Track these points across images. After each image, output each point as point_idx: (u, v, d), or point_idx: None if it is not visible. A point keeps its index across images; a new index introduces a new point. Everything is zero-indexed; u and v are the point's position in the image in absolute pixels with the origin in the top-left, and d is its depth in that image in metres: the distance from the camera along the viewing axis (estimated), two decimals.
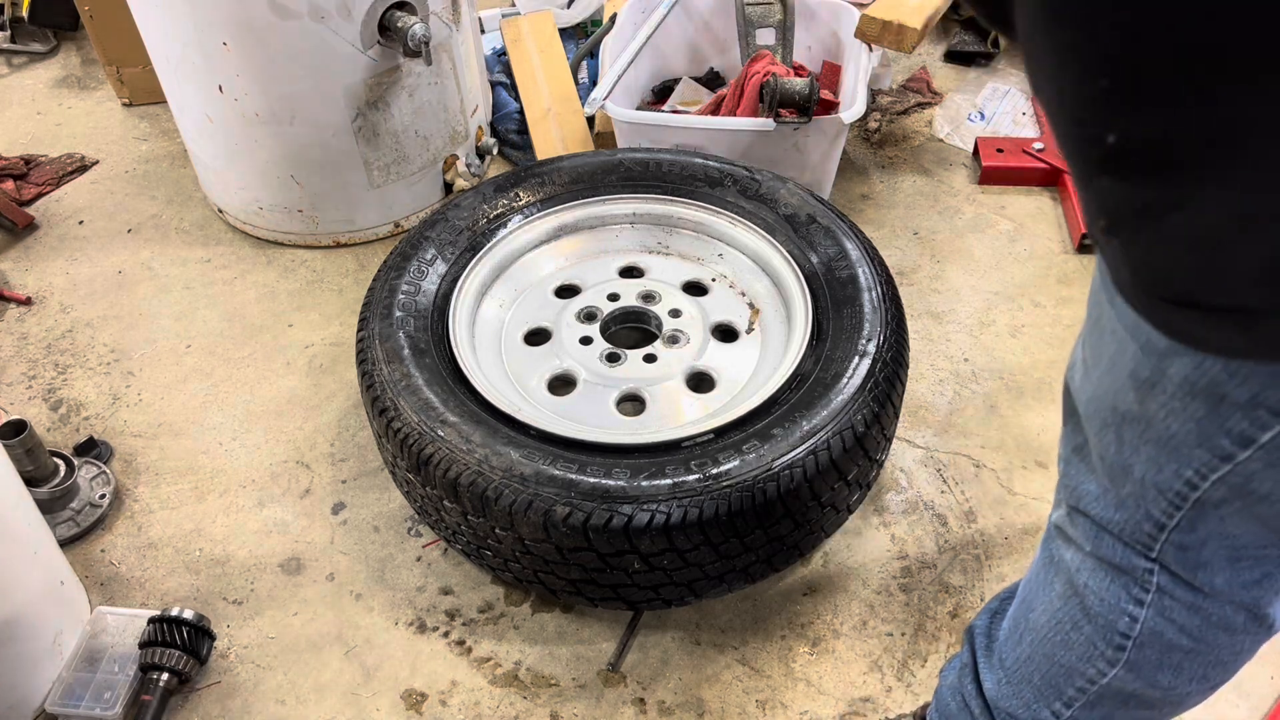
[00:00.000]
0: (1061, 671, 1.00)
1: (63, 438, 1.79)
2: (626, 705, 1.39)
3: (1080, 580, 0.94)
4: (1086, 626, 0.95)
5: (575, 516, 1.23)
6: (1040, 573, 1.01)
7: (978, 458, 1.71)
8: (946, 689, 1.18)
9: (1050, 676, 1.01)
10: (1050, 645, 1.00)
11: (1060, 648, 0.99)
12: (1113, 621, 0.92)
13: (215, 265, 2.17)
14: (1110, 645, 0.93)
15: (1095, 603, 0.93)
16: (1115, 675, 0.95)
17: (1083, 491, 0.90)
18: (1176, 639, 0.90)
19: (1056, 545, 0.97)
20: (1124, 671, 0.94)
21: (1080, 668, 0.98)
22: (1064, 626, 0.98)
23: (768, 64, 2.13)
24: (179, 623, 1.39)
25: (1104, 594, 0.91)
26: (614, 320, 1.66)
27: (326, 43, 1.87)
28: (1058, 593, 0.98)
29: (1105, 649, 0.94)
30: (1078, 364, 0.88)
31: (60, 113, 2.68)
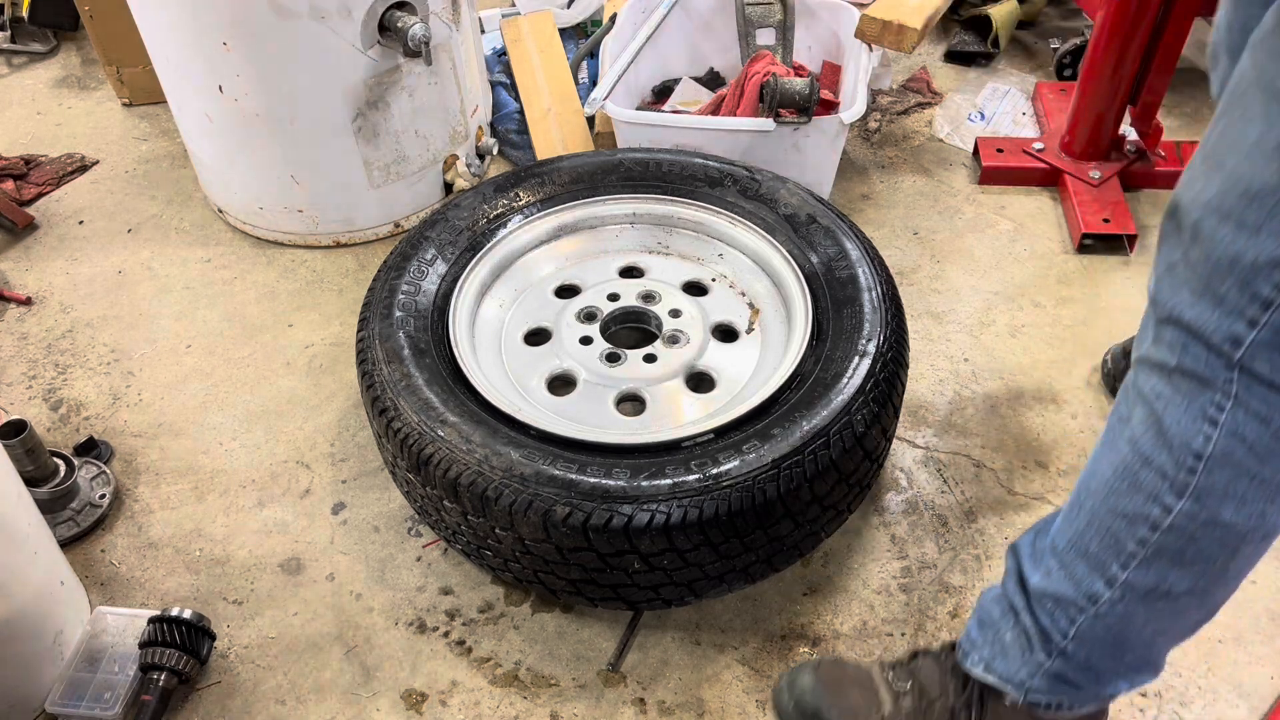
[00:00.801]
0: (1124, 524, 1.04)
1: (63, 438, 1.79)
2: (626, 705, 1.39)
3: (1159, 406, 0.99)
4: (1160, 455, 1.00)
5: (575, 516, 1.23)
6: (1105, 445, 1.07)
7: (978, 458, 1.71)
8: (989, 600, 1.22)
9: (1110, 535, 1.06)
10: (1115, 497, 1.05)
11: (1125, 495, 1.03)
12: (1187, 441, 0.97)
13: (215, 265, 2.17)
14: (1182, 469, 0.98)
15: (1172, 423, 0.98)
16: (1180, 511, 1.00)
17: (1175, 303, 0.97)
18: (1245, 460, 0.95)
19: (1139, 381, 1.02)
20: (1190, 504, 0.99)
21: (1145, 511, 1.02)
22: (1133, 468, 1.03)
23: (768, 64, 2.13)
24: (179, 623, 1.39)
25: (1182, 413, 0.97)
26: (614, 320, 1.66)
27: (326, 43, 1.87)
28: (1132, 435, 1.02)
29: (1177, 474, 0.99)
30: (1196, 173, 0.95)
31: (60, 113, 2.68)
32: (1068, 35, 2.73)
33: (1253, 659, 1.43)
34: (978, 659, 1.21)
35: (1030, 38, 2.83)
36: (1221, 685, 1.40)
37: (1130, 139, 2.24)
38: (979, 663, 1.21)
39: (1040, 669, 1.15)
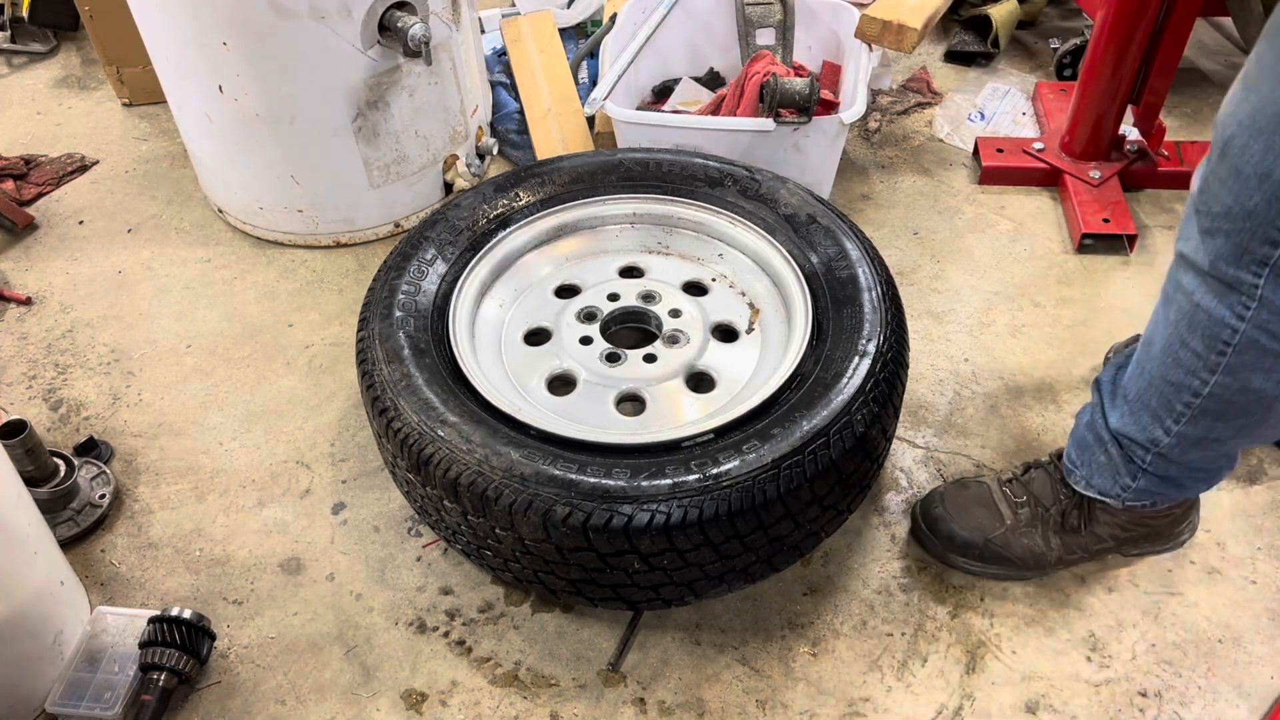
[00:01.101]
0: (1173, 389, 1.24)
1: (63, 438, 1.79)
2: (626, 705, 1.39)
3: (1196, 299, 1.15)
4: (1195, 340, 1.17)
5: (575, 516, 1.23)
6: (1160, 311, 1.24)
7: (978, 458, 1.71)
8: (1083, 427, 1.42)
9: (1164, 397, 1.25)
10: (1164, 368, 1.24)
11: (1173, 367, 1.22)
12: (1217, 333, 1.14)
13: (215, 265, 2.17)
14: (1213, 352, 1.16)
15: (1204, 317, 1.15)
16: (1215, 383, 1.18)
17: (1209, 211, 1.10)
18: (1270, 344, 1.11)
19: (1179, 273, 1.18)
20: (1223, 377, 1.17)
21: (1187, 381, 1.21)
22: (1175, 347, 1.21)
23: (768, 64, 2.13)
24: (179, 623, 1.39)
25: (1213, 309, 1.13)
26: (614, 320, 1.66)
27: (326, 43, 1.87)
28: (1174, 316, 1.20)
29: (1209, 355, 1.16)
30: (1235, 94, 1.06)
31: (60, 113, 2.68)
32: (1068, 35, 2.73)
33: (1253, 659, 1.43)
34: (1079, 477, 1.43)
35: (1030, 38, 2.83)
36: (1221, 685, 1.40)
37: (1131, 139, 2.24)
38: (1080, 480, 1.43)
39: (1130, 486, 1.37)
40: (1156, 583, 1.52)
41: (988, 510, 1.50)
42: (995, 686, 1.40)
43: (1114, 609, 1.49)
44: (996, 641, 1.45)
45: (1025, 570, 1.50)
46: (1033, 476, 1.51)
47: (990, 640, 1.46)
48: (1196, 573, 1.53)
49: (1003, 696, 1.39)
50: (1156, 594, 1.51)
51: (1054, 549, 1.48)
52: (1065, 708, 1.38)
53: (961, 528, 1.50)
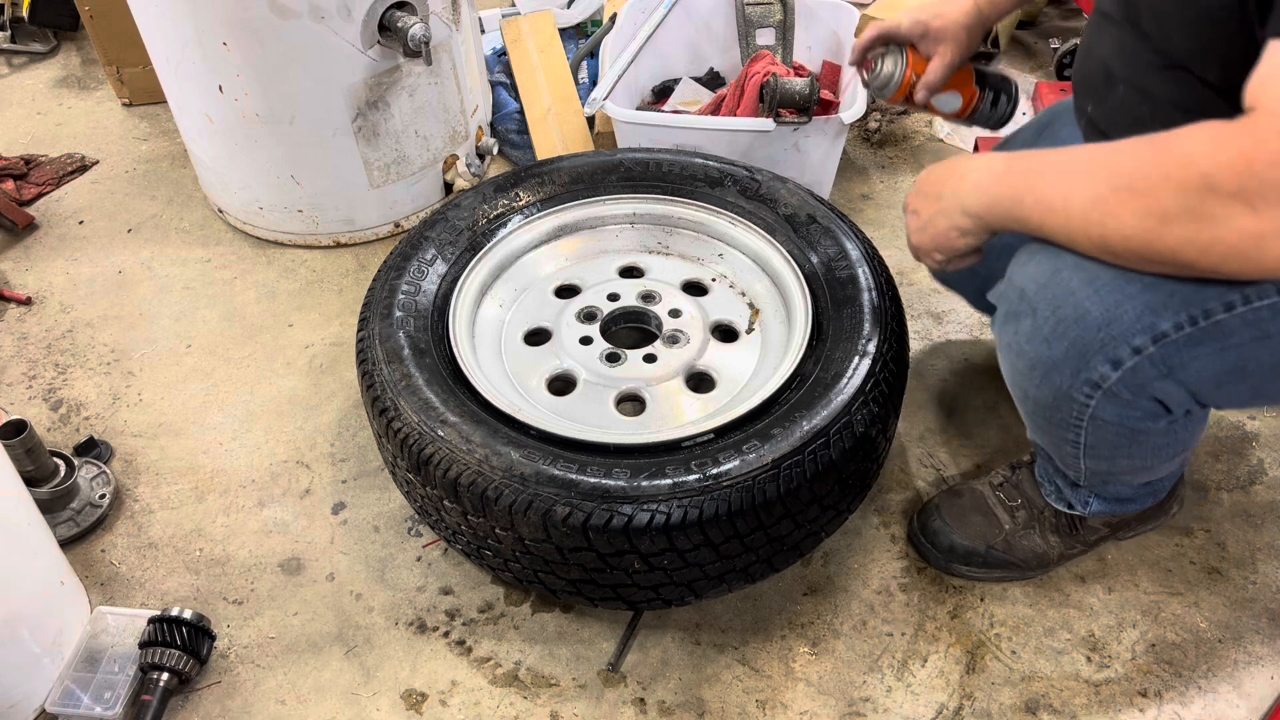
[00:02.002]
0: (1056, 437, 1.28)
1: (63, 438, 1.79)
2: (626, 705, 1.39)
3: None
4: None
5: (575, 516, 1.23)
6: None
7: (978, 458, 1.71)
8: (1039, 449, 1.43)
9: (1053, 445, 1.30)
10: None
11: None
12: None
13: (215, 265, 2.17)
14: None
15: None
16: (1085, 430, 1.22)
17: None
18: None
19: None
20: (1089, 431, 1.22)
21: (1063, 434, 1.25)
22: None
23: (768, 64, 2.13)
24: (179, 623, 1.39)
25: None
26: (614, 320, 1.66)
27: (326, 43, 1.87)
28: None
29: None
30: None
31: (60, 113, 2.68)
32: (1068, 35, 2.73)
33: (1253, 659, 1.43)
34: (1049, 491, 1.46)
35: (1030, 38, 2.83)
36: (1221, 685, 1.40)
37: None
38: (1050, 494, 1.46)
39: (1089, 503, 1.42)
40: (1156, 583, 1.52)
41: (985, 517, 1.50)
42: (995, 686, 1.40)
43: (1114, 609, 1.49)
44: (996, 641, 1.45)
45: (1029, 570, 1.50)
46: (1021, 478, 1.52)
47: (990, 640, 1.46)
48: (1196, 573, 1.53)
49: (1003, 696, 1.39)
50: (1156, 594, 1.51)
51: (1054, 546, 1.48)
52: (1065, 708, 1.38)
53: (963, 538, 1.49)
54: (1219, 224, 0.88)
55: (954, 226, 1.17)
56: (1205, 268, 0.93)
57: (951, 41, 1.48)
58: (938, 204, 1.19)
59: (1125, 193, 0.95)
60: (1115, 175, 0.96)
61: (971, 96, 1.56)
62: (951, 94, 1.55)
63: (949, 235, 1.19)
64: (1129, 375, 1.09)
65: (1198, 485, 1.65)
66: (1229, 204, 0.87)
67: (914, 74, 1.51)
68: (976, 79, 1.56)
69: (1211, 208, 0.88)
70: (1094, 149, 1.02)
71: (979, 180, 1.13)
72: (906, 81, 1.52)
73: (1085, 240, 1.01)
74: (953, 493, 1.55)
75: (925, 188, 1.23)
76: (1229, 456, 1.69)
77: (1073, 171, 1.01)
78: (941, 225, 1.19)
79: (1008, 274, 1.17)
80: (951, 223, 1.17)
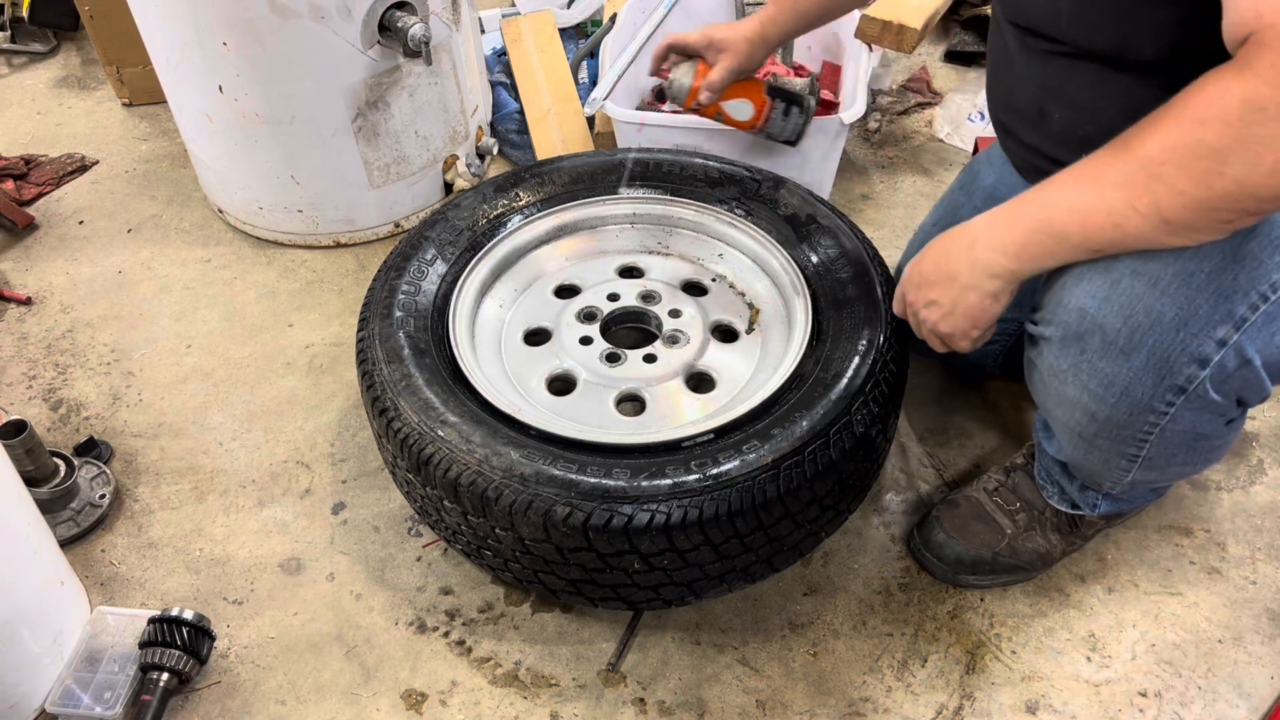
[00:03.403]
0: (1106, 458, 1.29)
1: (63, 438, 1.79)
2: (626, 705, 1.39)
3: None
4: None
5: (575, 516, 1.23)
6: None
7: (978, 458, 1.71)
8: (1042, 451, 1.43)
9: (1103, 461, 1.29)
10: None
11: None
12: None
13: (215, 265, 2.17)
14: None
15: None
16: (1150, 445, 1.21)
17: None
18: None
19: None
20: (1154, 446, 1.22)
21: (1122, 449, 1.25)
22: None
23: (768, 64, 2.13)
24: (179, 623, 1.39)
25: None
26: (614, 320, 1.66)
27: (326, 43, 1.87)
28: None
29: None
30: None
31: (60, 113, 2.68)
32: None
33: (1253, 659, 1.43)
34: (1051, 494, 1.46)
35: None
36: (1221, 685, 1.40)
37: None
38: (1053, 496, 1.46)
39: (1097, 504, 1.42)
40: (1156, 583, 1.52)
41: (986, 524, 1.49)
42: (995, 686, 1.40)
43: (1114, 609, 1.49)
44: (996, 641, 1.45)
45: (1033, 571, 1.50)
46: (1017, 481, 1.51)
47: (990, 640, 1.46)
48: (1196, 573, 1.53)
49: (1003, 696, 1.39)
50: (1156, 594, 1.51)
51: (1055, 545, 1.48)
52: (1065, 708, 1.38)
53: (968, 548, 1.48)
54: (1277, 140, 0.87)
55: (986, 295, 1.14)
56: (1276, 190, 0.90)
57: (732, 52, 1.66)
58: (957, 283, 1.16)
59: (1167, 154, 0.93)
60: (1142, 152, 0.95)
61: (762, 105, 1.70)
62: (742, 102, 1.71)
63: (983, 307, 1.16)
64: (1216, 371, 1.07)
65: (1198, 485, 1.65)
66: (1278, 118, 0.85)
67: (700, 80, 1.67)
68: (768, 90, 1.68)
69: (1264, 128, 0.86)
70: (1098, 153, 1.01)
71: (994, 238, 1.10)
72: (694, 88, 1.67)
73: (1138, 220, 0.98)
74: (950, 503, 1.54)
75: (930, 276, 1.20)
76: (1229, 456, 1.69)
77: (1092, 174, 1.00)
78: (973, 300, 1.15)
79: (1053, 300, 1.14)
80: (982, 292, 1.14)
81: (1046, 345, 1.17)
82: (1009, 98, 1.35)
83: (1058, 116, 1.24)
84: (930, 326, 1.24)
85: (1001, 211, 1.11)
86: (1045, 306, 1.16)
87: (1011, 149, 1.42)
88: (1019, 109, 1.33)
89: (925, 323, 1.24)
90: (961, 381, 1.84)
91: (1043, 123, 1.27)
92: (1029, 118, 1.30)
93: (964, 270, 1.14)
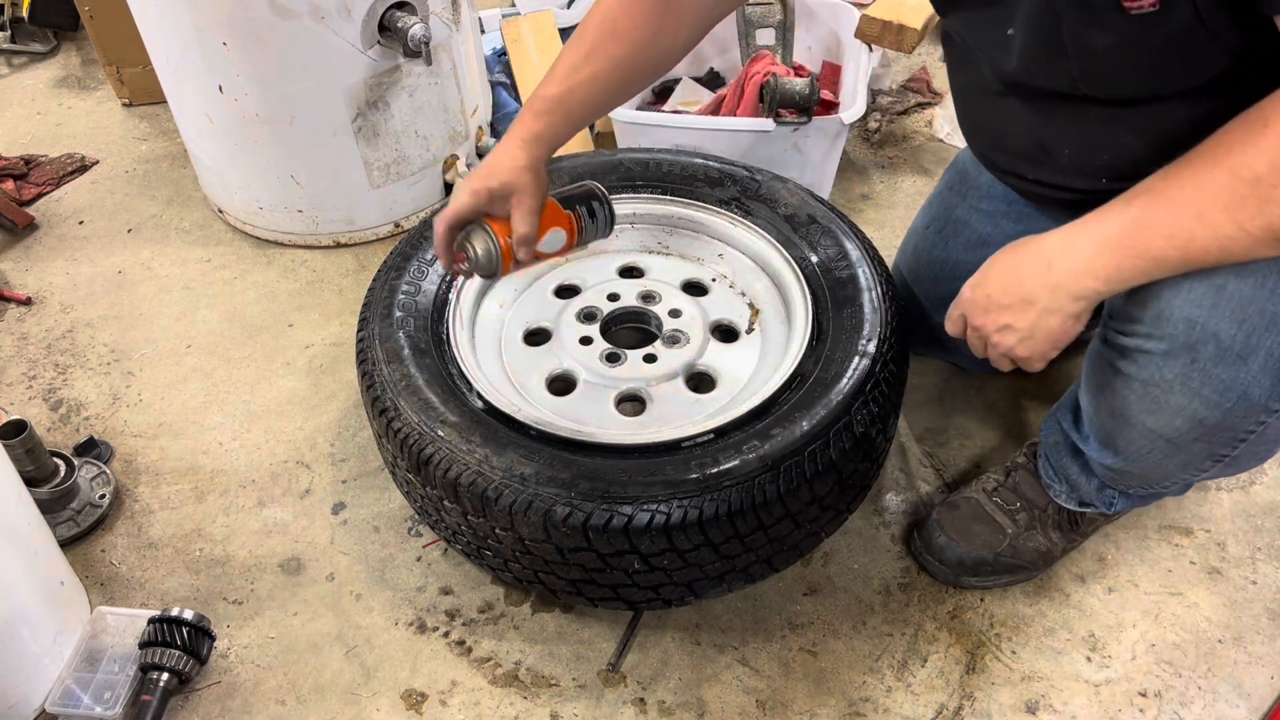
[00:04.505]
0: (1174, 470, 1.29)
1: (63, 438, 1.79)
2: (626, 705, 1.39)
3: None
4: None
5: (575, 516, 1.23)
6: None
7: (978, 458, 1.71)
8: (1055, 452, 1.44)
9: (1162, 473, 1.30)
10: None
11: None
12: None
13: (215, 265, 2.17)
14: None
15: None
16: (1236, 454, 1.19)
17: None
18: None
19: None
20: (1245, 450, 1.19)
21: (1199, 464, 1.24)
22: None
23: (768, 64, 2.13)
24: (179, 623, 1.39)
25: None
26: (614, 320, 1.66)
27: (326, 43, 1.87)
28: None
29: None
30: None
31: (60, 113, 2.68)
32: None
33: (1253, 659, 1.43)
34: (1059, 492, 1.45)
35: None
36: (1221, 685, 1.40)
37: None
38: (1060, 495, 1.46)
39: (1113, 503, 1.41)
40: (1156, 583, 1.52)
41: (987, 525, 1.49)
42: (995, 686, 1.40)
43: (1114, 609, 1.49)
44: (996, 641, 1.45)
45: (1035, 570, 1.50)
46: (1018, 480, 1.51)
47: (990, 640, 1.46)
48: (1196, 573, 1.53)
49: (1003, 696, 1.39)
50: (1156, 594, 1.51)
51: (1056, 543, 1.48)
52: (1065, 708, 1.38)
53: (969, 550, 1.48)
54: None
55: (1069, 317, 1.11)
56: None
57: (521, 191, 1.30)
58: (1036, 306, 1.12)
59: (1276, 173, 0.91)
60: (1248, 174, 0.93)
61: (570, 222, 1.41)
62: (554, 233, 1.39)
63: (1065, 328, 1.12)
64: None
65: (1198, 485, 1.65)
66: None
67: (506, 239, 1.33)
68: (565, 206, 1.41)
69: None
70: (1179, 168, 1.00)
71: (1078, 261, 1.07)
72: (506, 251, 1.33)
73: (1247, 240, 0.97)
74: (950, 505, 1.53)
75: (1001, 300, 1.16)
76: None
77: (1187, 197, 0.98)
78: (1054, 324, 1.12)
79: (1152, 313, 1.10)
80: (1065, 315, 1.10)
81: (1147, 358, 1.13)
82: (1000, 141, 1.32)
83: (1066, 152, 1.21)
84: (1004, 350, 1.19)
85: (1082, 233, 1.07)
86: (1141, 320, 1.12)
87: (1010, 183, 1.39)
88: (1015, 150, 1.30)
89: (998, 347, 1.19)
90: (962, 381, 1.84)
91: (1048, 159, 1.24)
92: (1030, 156, 1.27)
93: (1043, 294, 1.11)
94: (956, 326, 1.27)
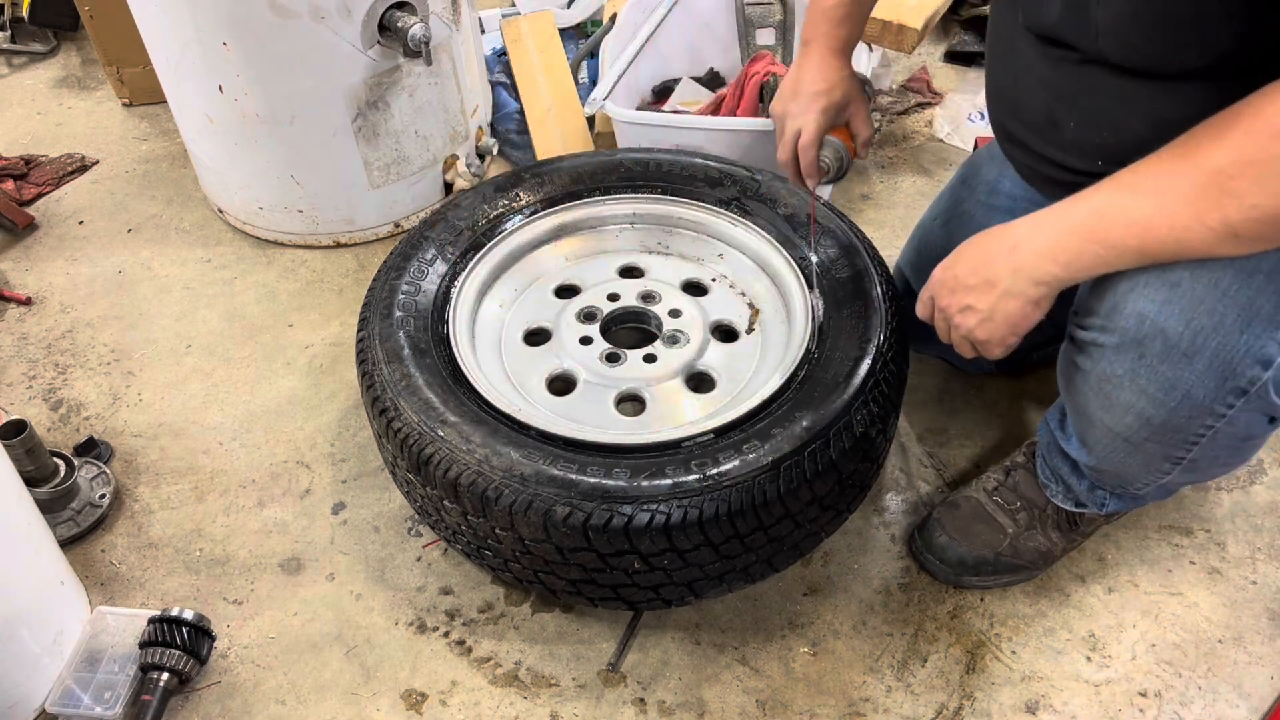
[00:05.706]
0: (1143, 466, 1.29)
1: (63, 438, 1.79)
2: (626, 705, 1.39)
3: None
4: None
5: (575, 516, 1.23)
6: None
7: (978, 458, 1.71)
8: (1049, 452, 1.44)
9: (1136, 469, 1.29)
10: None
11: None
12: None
13: (215, 265, 2.17)
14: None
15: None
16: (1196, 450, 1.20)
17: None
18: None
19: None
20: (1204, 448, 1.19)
21: (1158, 465, 1.25)
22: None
23: (768, 64, 2.13)
24: (179, 623, 1.39)
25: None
26: (614, 320, 1.66)
27: (326, 43, 1.87)
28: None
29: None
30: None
31: (60, 113, 2.68)
32: None
33: (1253, 659, 1.43)
34: (1055, 492, 1.45)
35: None
36: (1221, 685, 1.40)
37: None
38: (1057, 495, 1.45)
39: (1105, 504, 1.40)
40: (1156, 583, 1.52)
41: (987, 525, 1.49)
42: (995, 686, 1.40)
43: (1114, 609, 1.49)
44: (996, 641, 1.45)
45: (1035, 570, 1.50)
46: (1018, 480, 1.51)
47: (990, 640, 1.46)
48: (1196, 573, 1.53)
49: (1003, 696, 1.39)
50: (1156, 594, 1.51)
51: (1056, 543, 1.48)
52: (1065, 708, 1.38)
53: (970, 550, 1.48)
54: None
55: (1028, 301, 1.11)
56: None
57: (856, 99, 1.54)
58: (997, 289, 1.13)
59: (1239, 168, 0.92)
60: (1211, 165, 0.94)
61: (846, 135, 1.60)
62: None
63: (1024, 313, 1.13)
64: (1279, 372, 1.06)
65: (1198, 485, 1.65)
66: None
67: (849, 142, 1.57)
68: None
69: None
70: (1151, 161, 1.00)
71: (1040, 245, 1.08)
72: (853, 153, 1.58)
73: (1204, 233, 0.97)
74: (950, 505, 1.54)
75: (966, 280, 1.17)
76: None
77: (1152, 186, 0.99)
78: (1014, 306, 1.12)
79: (1107, 305, 1.11)
80: (1025, 299, 1.11)
81: (1099, 351, 1.14)
82: (1015, 106, 1.33)
83: (1072, 125, 1.22)
84: (965, 332, 1.20)
85: (1048, 217, 1.08)
86: (1097, 312, 1.13)
87: (1016, 156, 1.40)
88: (1027, 118, 1.31)
89: (959, 328, 1.20)
90: (961, 381, 1.84)
91: (1054, 132, 1.25)
92: (1038, 127, 1.28)
93: (1005, 276, 1.11)
94: (926, 309, 1.28)
